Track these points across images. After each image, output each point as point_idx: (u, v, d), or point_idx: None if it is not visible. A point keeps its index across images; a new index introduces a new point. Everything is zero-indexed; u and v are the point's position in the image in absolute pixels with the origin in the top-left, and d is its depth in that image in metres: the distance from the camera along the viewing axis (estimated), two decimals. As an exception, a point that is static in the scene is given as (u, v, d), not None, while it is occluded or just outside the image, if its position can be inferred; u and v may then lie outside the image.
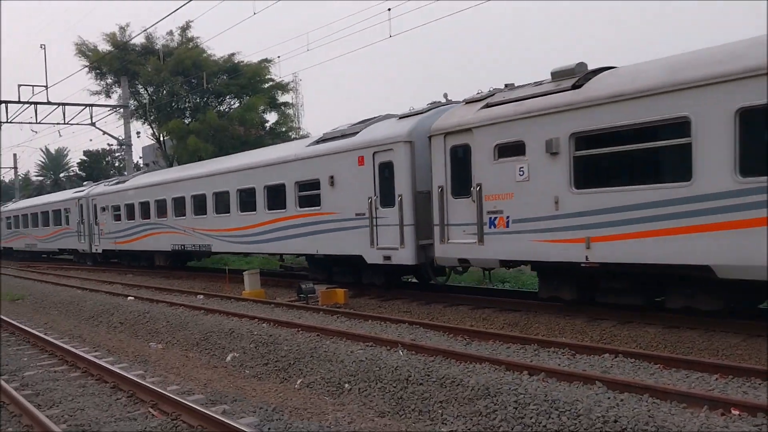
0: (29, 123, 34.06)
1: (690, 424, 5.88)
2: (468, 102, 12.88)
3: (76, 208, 31.06)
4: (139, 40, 37.69)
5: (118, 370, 9.51)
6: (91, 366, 10.25)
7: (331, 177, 15.60)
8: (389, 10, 19.78)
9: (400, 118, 14.93)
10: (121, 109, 36.63)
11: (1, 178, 75.05)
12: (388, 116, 15.75)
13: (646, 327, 10.25)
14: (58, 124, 34.38)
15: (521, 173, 11.19)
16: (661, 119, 9.20)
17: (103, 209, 28.42)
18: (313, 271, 17.57)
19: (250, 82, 36.83)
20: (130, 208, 26.15)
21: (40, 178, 78.45)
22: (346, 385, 8.64)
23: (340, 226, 15.46)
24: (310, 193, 16.46)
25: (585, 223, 10.22)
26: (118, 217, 27.26)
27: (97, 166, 59.01)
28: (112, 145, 55.13)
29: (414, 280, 16.90)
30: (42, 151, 77.55)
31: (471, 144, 12.04)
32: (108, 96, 39.29)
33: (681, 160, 9.10)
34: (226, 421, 6.77)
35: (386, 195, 14.28)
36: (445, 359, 8.65)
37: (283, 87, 38.41)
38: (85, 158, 60.24)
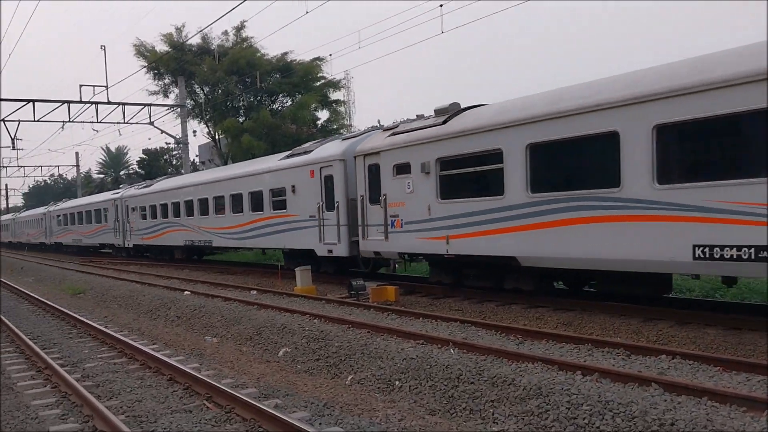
0: (90, 122, 35.14)
1: (750, 429, 5.69)
2: (384, 130, 16.27)
3: (113, 209, 35.23)
4: (195, 40, 38.48)
5: (174, 363, 9.74)
6: (149, 359, 10.53)
7: (293, 186, 19.05)
8: (441, 6, 19.69)
9: (342, 140, 18.41)
10: (178, 109, 37.47)
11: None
12: (338, 137, 19.58)
13: (706, 328, 9.96)
14: (118, 123, 35.34)
15: (408, 187, 14.60)
16: (486, 150, 12.61)
17: (133, 209, 32.36)
18: (287, 262, 21.04)
19: (303, 81, 37.17)
20: (153, 208, 29.97)
21: (101, 176, 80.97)
22: (397, 383, 8.65)
23: (300, 225, 18.89)
24: (279, 199, 19.90)
25: (446, 225, 13.65)
26: (144, 216, 31.07)
27: (155, 164, 60.41)
28: (169, 143, 56.46)
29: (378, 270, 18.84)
30: (103, 149, 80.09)
31: (380, 163, 15.43)
32: (166, 96, 40.31)
33: (498, 180, 12.35)
34: (278, 415, 6.86)
35: (329, 201, 17.54)
36: (497, 358, 8.58)
37: (335, 84, 38.65)
38: (144, 156, 61.77)
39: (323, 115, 39.45)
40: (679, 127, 9.42)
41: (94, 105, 33.03)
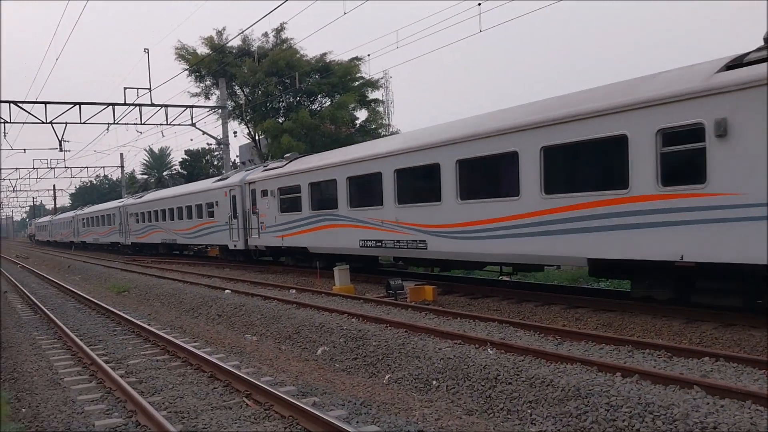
0: (134, 124, 35.74)
1: (797, 434, 5.54)
2: (264, 166, 25.34)
3: (118, 214, 44.56)
4: (235, 42, 38.93)
5: (215, 361, 9.90)
6: (190, 356, 10.72)
7: (217, 201, 27.60)
8: (479, 5, 19.57)
9: (246, 170, 26.90)
10: (219, 110, 37.97)
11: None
12: (243, 167, 29.58)
13: (751, 330, 9.71)
14: (161, 124, 35.96)
15: (267, 205, 22.99)
16: (294, 184, 21.10)
17: (131, 215, 41.54)
18: (220, 253, 29.89)
19: (341, 81, 37.32)
20: (143, 215, 39.08)
21: (145, 177, 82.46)
22: (434, 382, 8.65)
23: (221, 228, 27.33)
24: (210, 210, 28.41)
25: (282, 228, 22.03)
26: (137, 221, 40.24)
27: (197, 164, 61.28)
28: (211, 144, 57.27)
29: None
30: (146, 150, 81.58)
31: (256, 189, 23.97)
32: (207, 97, 40.89)
33: (299, 203, 20.79)
34: (316, 413, 6.93)
35: (234, 212, 25.83)
36: (535, 359, 8.51)
37: (373, 84, 38.70)
38: (186, 157, 62.71)
39: (362, 114, 39.60)
40: (356, 179, 17.97)
41: (137, 107, 33.65)
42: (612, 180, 11.01)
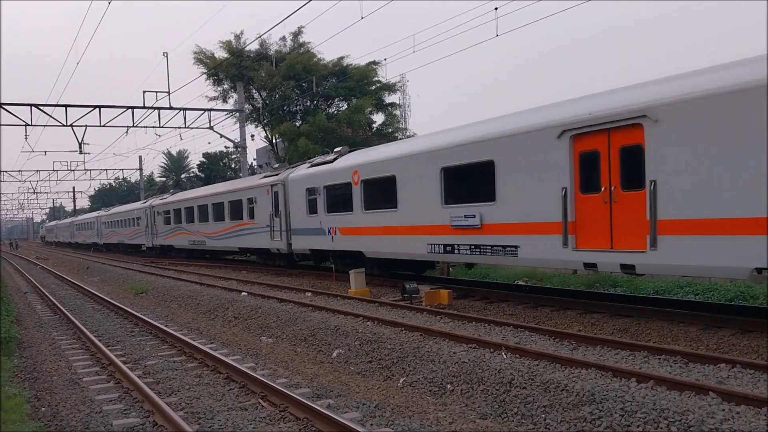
0: (153, 127, 36.02)
1: (814, 442, 5.51)
2: (161, 197, 42.35)
3: (96, 222, 60.77)
4: (253, 46, 39.15)
5: (231, 362, 9.98)
6: (207, 357, 10.82)
7: (139, 217, 43.54)
8: (496, 9, 19.56)
9: (154, 197, 45.93)
10: (237, 113, 38.21)
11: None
12: (155, 195, 55.65)
13: (769, 337, 9.65)
14: (179, 128, 36.21)
15: (159, 220, 39.44)
16: (168, 209, 37.97)
17: (103, 223, 57.62)
18: (146, 251, 45.42)
19: (358, 85, 37.42)
20: (109, 223, 54.91)
21: (163, 179, 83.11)
22: (449, 386, 8.67)
23: (144, 233, 42.67)
24: (138, 221, 44.12)
25: (164, 234, 38.80)
26: (106, 227, 56.28)
27: (214, 167, 61.75)
28: (228, 147, 57.65)
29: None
30: (164, 153, 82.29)
31: (155, 210, 40.12)
32: (225, 101, 41.08)
33: (171, 220, 37.58)
34: (330, 415, 6.98)
35: (148, 225, 41.45)
36: (550, 363, 8.50)
37: (390, 88, 38.75)
38: (204, 160, 63.21)
39: (378, 118, 39.66)
40: (187, 209, 34.41)
41: (156, 110, 33.89)
42: (240, 216, 26.67)
